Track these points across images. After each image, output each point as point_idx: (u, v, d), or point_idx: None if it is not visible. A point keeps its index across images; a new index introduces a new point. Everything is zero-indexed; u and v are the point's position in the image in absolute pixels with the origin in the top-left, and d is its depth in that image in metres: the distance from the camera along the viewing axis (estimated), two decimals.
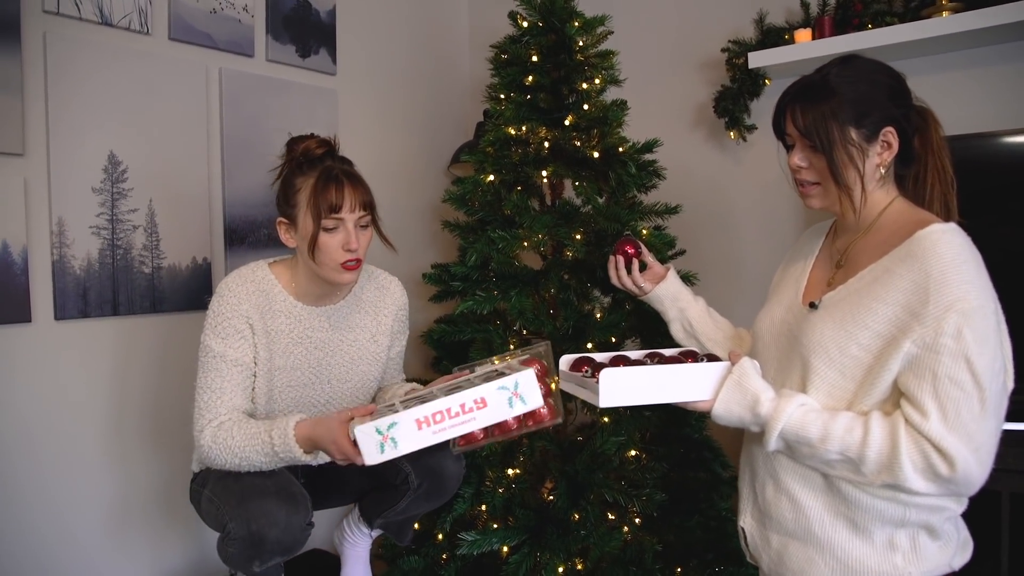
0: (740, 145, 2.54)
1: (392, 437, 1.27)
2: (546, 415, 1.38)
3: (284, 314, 1.61)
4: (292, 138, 1.63)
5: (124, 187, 1.96)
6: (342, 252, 1.53)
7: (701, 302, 1.68)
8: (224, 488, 1.51)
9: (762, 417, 1.26)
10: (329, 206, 1.50)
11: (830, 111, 1.27)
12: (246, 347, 1.55)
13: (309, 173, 1.54)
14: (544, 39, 2.13)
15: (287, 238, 1.59)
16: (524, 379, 1.27)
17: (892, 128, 1.28)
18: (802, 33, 2.29)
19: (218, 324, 1.55)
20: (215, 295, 1.58)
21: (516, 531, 1.89)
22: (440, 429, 1.27)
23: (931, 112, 1.35)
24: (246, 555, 1.47)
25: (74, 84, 1.86)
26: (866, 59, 1.33)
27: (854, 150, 1.28)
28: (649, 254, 1.71)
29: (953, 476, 1.13)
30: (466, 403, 1.27)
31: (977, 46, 2.13)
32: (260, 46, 2.29)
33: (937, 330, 1.13)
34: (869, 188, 1.31)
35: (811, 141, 1.30)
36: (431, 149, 2.90)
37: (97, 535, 1.95)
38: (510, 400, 1.27)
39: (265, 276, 1.61)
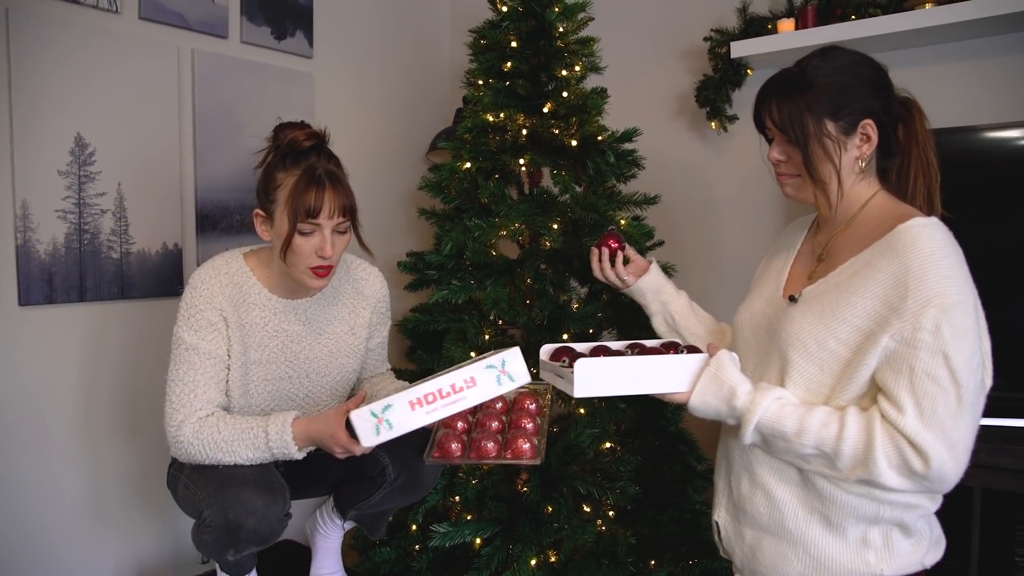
0: (721, 135, 2.52)
1: (387, 419, 1.30)
2: (527, 451, 1.40)
3: (258, 307, 1.57)
4: (280, 124, 1.56)
5: (92, 170, 1.91)
6: (314, 257, 1.48)
7: (683, 296, 1.67)
8: (201, 475, 1.48)
9: (738, 410, 1.25)
10: (307, 210, 1.44)
11: (806, 104, 1.26)
12: (219, 340, 1.52)
13: (292, 169, 1.48)
14: (524, 24, 2.09)
15: (262, 231, 1.54)
16: (511, 357, 1.31)
17: (871, 121, 1.26)
18: (785, 23, 2.27)
19: (191, 316, 1.51)
20: (188, 287, 1.54)
21: (489, 523, 1.88)
22: (432, 409, 1.30)
23: (916, 103, 1.33)
24: (221, 543, 1.45)
25: (39, 64, 1.81)
26: (847, 51, 1.31)
27: (830, 143, 1.27)
28: (631, 248, 1.70)
29: (927, 473, 1.12)
30: (456, 383, 1.30)
31: (959, 39, 2.12)
32: (235, 27, 2.24)
33: (915, 325, 1.12)
34: (849, 182, 1.30)
35: (787, 135, 1.29)
36: (409, 135, 2.86)
37: (66, 525, 1.92)
38: (498, 378, 1.31)
39: (239, 268, 1.57)
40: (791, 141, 1.29)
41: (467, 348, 1.97)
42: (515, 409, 1.50)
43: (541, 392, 1.52)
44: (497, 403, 1.51)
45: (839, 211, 1.33)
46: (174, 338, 1.52)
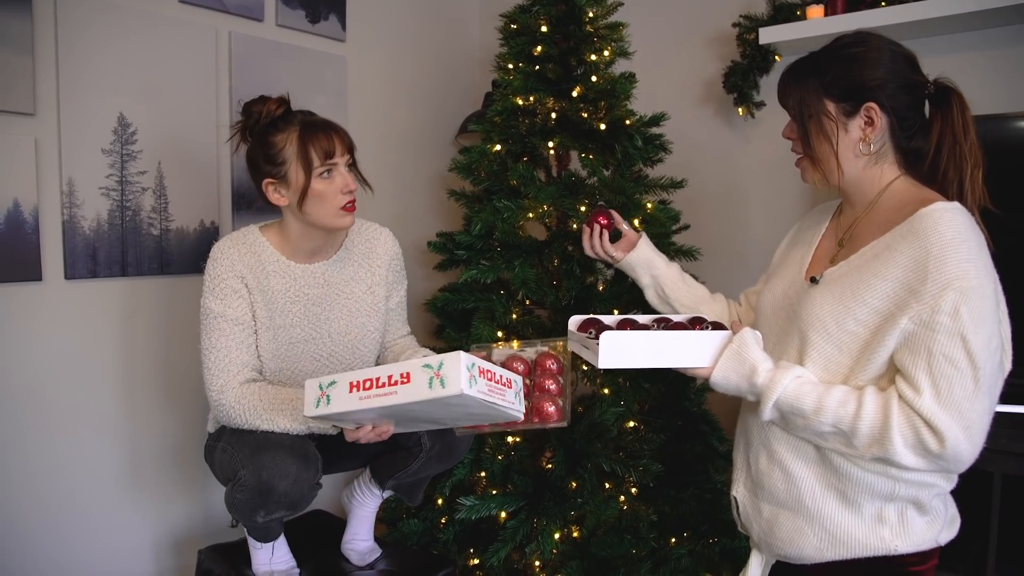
0: (748, 122, 2.53)
1: (328, 395, 1.28)
2: (553, 414, 1.40)
3: (278, 274, 1.65)
4: (247, 102, 1.65)
5: (133, 149, 1.98)
6: (340, 196, 1.58)
7: (675, 268, 1.70)
8: (239, 438, 1.56)
9: (758, 387, 1.28)
10: (324, 152, 1.54)
11: (811, 83, 1.31)
12: (244, 305, 1.60)
13: (287, 128, 1.57)
14: (554, 9, 2.12)
15: (277, 197, 1.60)
16: (449, 361, 1.18)
17: (875, 104, 1.28)
18: (814, 9, 2.27)
19: (215, 286, 1.59)
20: (209, 259, 1.62)
21: (514, 497, 1.93)
22: (366, 396, 1.25)
23: (956, 92, 1.32)
24: (252, 503, 1.51)
25: (84, 45, 1.87)
26: (873, 35, 1.33)
27: (829, 123, 1.30)
28: (623, 222, 1.73)
29: (942, 452, 1.14)
30: (393, 375, 1.23)
31: (991, 26, 2.11)
32: (270, 10, 2.29)
33: (934, 307, 1.13)
34: (858, 164, 1.32)
35: (792, 112, 1.35)
36: (439, 118, 2.90)
37: (106, 491, 2.00)
38: (431, 380, 1.19)
39: (256, 239, 1.65)
40: (795, 118, 1.35)
41: (495, 327, 2.01)
42: (537, 371, 1.51)
43: (560, 350, 1.52)
44: (519, 365, 1.51)
45: (858, 195, 1.35)
46: (202, 309, 1.60)
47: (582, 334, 1.46)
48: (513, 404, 1.29)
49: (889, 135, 1.31)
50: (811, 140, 1.33)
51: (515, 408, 1.29)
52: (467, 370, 1.18)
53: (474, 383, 1.19)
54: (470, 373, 1.18)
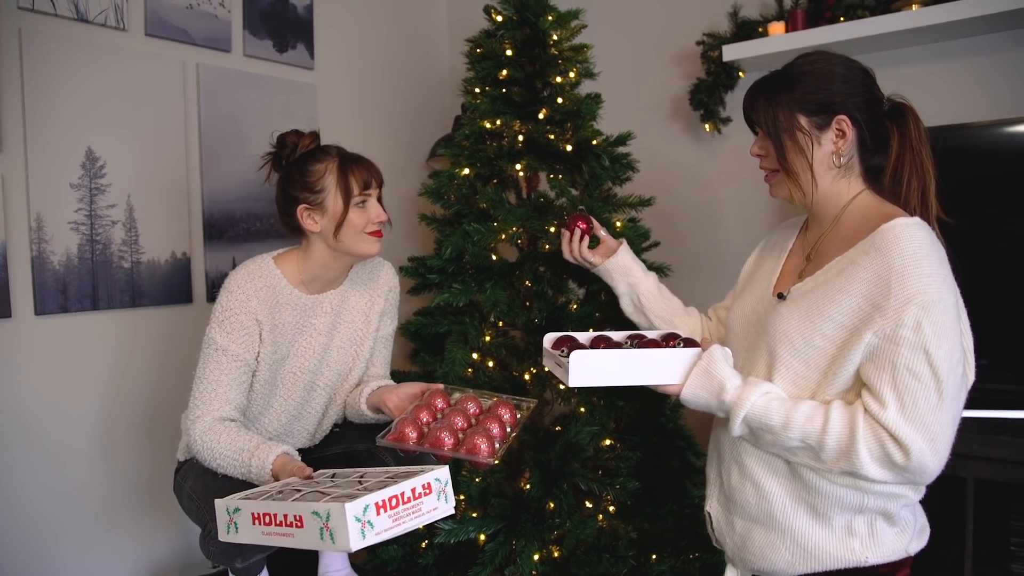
0: (716, 137, 2.56)
1: (236, 522, 1.26)
2: (483, 450, 1.38)
3: (290, 307, 1.67)
4: (282, 134, 1.71)
5: (102, 183, 1.98)
6: (370, 224, 1.65)
7: (652, 278, 1.72)
8: (204, 487, 1.55)
9: (727, 403, 1.29)
10: (363, 182, 1.63)
11: (782, 99, 1.33)
12: (250, 344, 1.60)
13: (325, 159, 1.63)
14: (518, 33, 2.14)
15: (310, 224, 1.64)
16: (335, 514, 1.10)
17: (846, 117, 1.31)
18: (775, 26, 2.31)
19: (225, 319, 1.59)
20: (223, 290, 1.62)
21: (492, 520, 1.92)
22: (268, 532, 1.20)
23: (910, 108, 1.36)
24: (228, 553, 1.51)
25: (50, 80, 1.87)
26: (832, 53, 1.37)
27: (803, 136, 1.32)
28: (601, 228, 1.74)
29: (908, 465, 1.16)
30: (288, 515, 1.17)
31: (946, 39, 2.15)
32: (237, 41, 2.30)
33: (897, 322, 1.16)
34: (828, 177, 1.34)
35: (764, 128, 1.36)
36: (410, 142, 2.92)
37: (83, 529, 1.98)
38: (321, 531, 1.12)
39: (271, 271, 1.66)
40: (768, 134, 1.36)
41: (468, 350, 2.02)
42: (487, 413, 1.52)
43: (521, 408, 1.53)
44: (471, 407, 1.53)
45: (824, 210, 1.38)
46: (206, 338, 1.60)
47: (555, 352, 1.47)
48: (436, 509, 1.23)
49: (857, 148, 1.34)
50: (787, 155, 1.34)
51: (441, 511, 1.24)
52: (356, 521, 1.09)
53: (369, 530, 1.11)
54: (362, 522, 1.10)
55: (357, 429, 1.76)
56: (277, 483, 1.39)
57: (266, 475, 1.45)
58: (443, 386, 1.63)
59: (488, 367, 2.07)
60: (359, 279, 1.80)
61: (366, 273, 1.82)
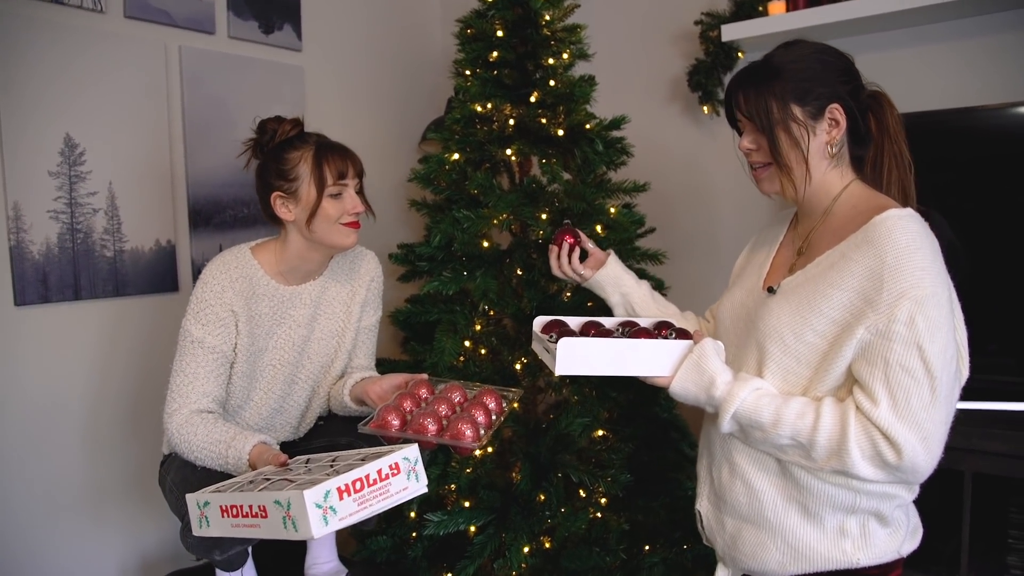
0: (714, 119, 2.50)
1: (207, 516, 1.25)
2: (468, 436, 1.35)
3: (267, 297, 1.64)
4: (263, 120, 1.67)
5: (82, 170, 1.93)
6: (345, 215, 1.60)
7: (645, 286, 1.67)
8: (183, 480, 1.53)
9: (716, 399, 1.26)
10: (338, 172, 1.58)
11: (772, 91, 1.28)
12: (226, 336, 1.58)
13: (302, 147, 1.59)
14: (510, 13, 2.08)
15: (284, 212, 1.61)
16: (295, 501, 1.08)
17: (838, 105, 1.27)
18: (776, 5, 2.24)
19: (200, 311, 1.57)
20: (199, 282, 1.60)
21: (482, 512, 1.90)
22: (237, 524, 1.19)
23: (885, 95, 1.33)
24: (205, 545, 1.49)
25: (26, 66, 1.82)
26: (811, 41, 1.33)
27: (797, 128, 1.28)
28: (589, 241, 1.69)
29: (900, 464, 1.13)
30: (254, 506, 1.15)
31: (949, 18, 2.09)
32: (221, 22, 2.24)
33: (890, 317, 1.12)
34: (821, 168, 1.30)
35: (755, 122, 1.30)
36: (402, 125, 2.86)
37: (69, 520, 1.96)
38: (284, 520, 1.10)
39: (248, 262, 1.63)
40: (759, 128, 1.30)
41: (459, 339, 1.98)
42: (472, 401, 1.49)
43: (507, 396, 1.49)
44: (455, 395, 1.50)
45: (814, 203, 1.34)
46: (182, 330, 1.58)
47: (544, 336, 1.43)
48: (407, 489, 1.20)
49: (848, 137, 1.30)
50: (780, 147, 1.29)
51: (412, 491, 1.21)
52: (317, 508, 1.07)
53: (332, 516, 1.08)
54: (323, 508, 1.07)
55: (342, 421, 1.74)
56: (250, 473, 1.37)
57: (243, 465, 1.43)
58: (427, 376, 1.59)
59: (479, 356, 2.04)
60: (340, 269, 1.76)
61: (347, 263, 1.78)
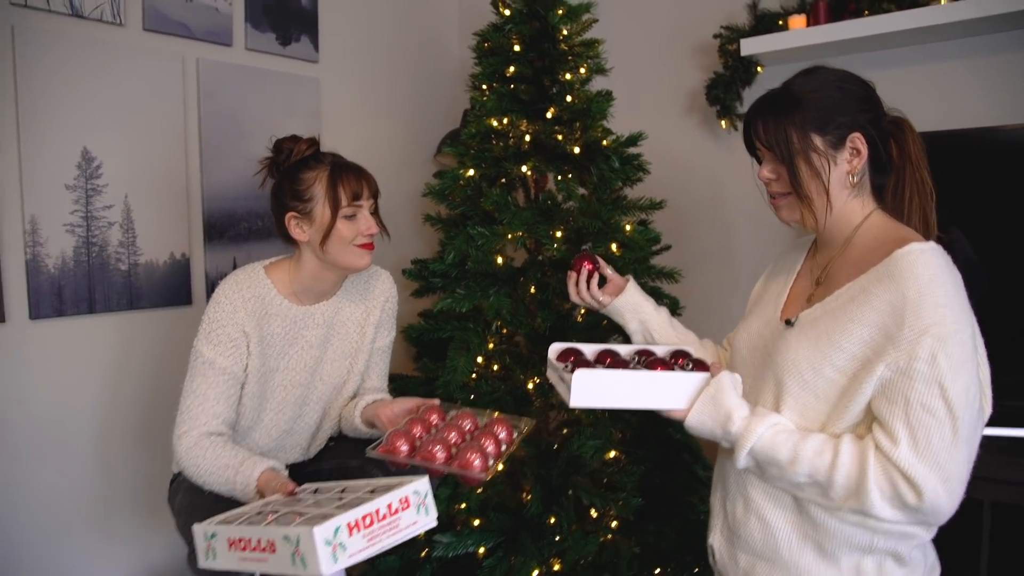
0: (732, 133, 2.47)
1: (214, 547, 1.23)
2: (477, 466, 1.33)
3: (279, 318, 1.62)
4: (279, 139, 1.65)
5: (99, 183, 1.94)
6: (360, 237, 1.59)
7: (664, 313, 1.64)
8: (191, 504, 1.52)
9: (732, 435, 1.24)
10: (352, 193, 1.57)
11: (793, 120, 1.25)
12: (238, 357, 1.56)
13: (317, 167, 1.58)
14: (527, 28, 2.07)
15: (298, 232, 1.60)
16: (304, 538, 1.06)
17: (860, 134, 1.24)
18: (796, 19, 2.21)
19: (212, 331, 1.55)
20: (211, 302, 1.58)
21: (491, 534, 1.88)
22: (244, 558, 1.17)
23: (907, 122, 1.29)
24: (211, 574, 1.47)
25: (45, 79, 1.83)
26: (831, 68, 1.30)
27: (818, 158, 1.25)
28: (608, 267, 1.67)
29: (920, 506, 1.10)
30: (263, 540, 1.14)
31: (973, 35, 2.05)
32: (239, 35, 2.24)
33: (911, 354, 1.10)
34: (842, 198, 1.28)
35: (775, 152, 1.28)
36: (418, 136, 2.85)
37: (80, 532, 1.97)
38: (292, 556, 1.09)
39: (261, 281, 1.62)
40: (779, 158, 1.28)
41: (471, 357, 1.97)
42: (483, 430, 1.47)
43: (519, 426, 1.48)
44: (466, 422, 1.48)
45: (834, 232, 1.31)
46: (193, 350, 1.56)
47: (560, 364, 1.41)
48: (416, 523, 1.18)
49: (868, 166, 1.27)
50: (800, 178, 1.26)
51: (421, 525, 1.19)
52: (326, 545, 1.05)
53: (341, 553, 1.07)
54: (333, 545, 1.06)
55: (352, 443, 1.72)
56: (258, 503, 1.35)
57: (251, 492, 1.42)
58: (439, 402, 1.58)
59: (491, 374, 2.02)
60: (354, 289, 1.75)
61: (361, 283, 1.76)
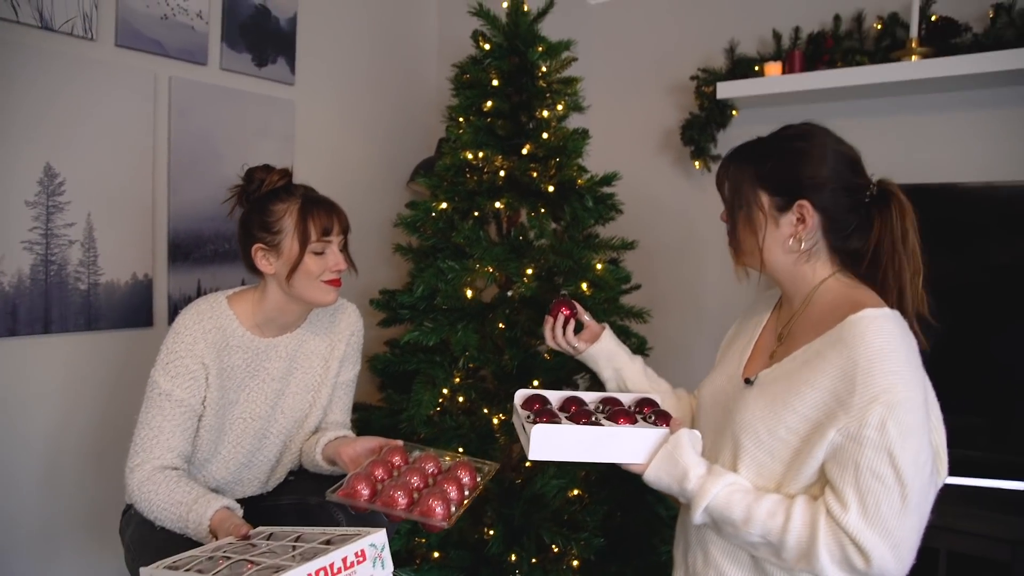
0: (705, 174, 2.49)
1: None
2: (439, 513, 1.31)
3: (241, 350, 1.59)
4: (250, 168, 1.62)
5: (60, 200, 1.89)
6: (327, 272, 1.56)
7: (639, 362, 1.64)
8: (140, 539, 1.48)
9: (688, 492, 1.25)
10: (323, 229, 1.54)
11: (749, 173, 1.28)
12: (195, 389, 1.52)
13: (288, 200, 1.55)
14: (506, 63, 2.06)
15: (264, 264, 1.56)
16: None
17: (808, 202, 1.25)
18: (772, 66, 2.24)
19: (170, 362, 1.51)
20: (171, 331, 1.54)
21: (451, 570, 1.86)
22: None
23: (896, 195, 1.26)
24: None
25: (8, 91, 1.78)
26: (821, 132, 1.30)
27: (760, 216, 1.28)
28: (585, 313, 1.67)
29: (869, 571, 1.11)
30: None
31: (947, 90, 2.10)
32: (214, 54, 2.21)
33: (861, 421, 1.11)
34: (788, 260, 1.29)
35: (725, 198, 1.33)
36: (392, 163, 2.83)
37: (24, 559, 1.91)
38: None
39: (223, 312, 1.58)
40: (727, 205, 1.33)
41: (436, 391, 1.95)
42: (446, 474, 1.45)
43: (483, 471, 1.47)
44: (429, 466, 1.46)
45: (792, 290, 1.33)
46: (150, 381, 1.52)
47: (525, 412, 1.42)
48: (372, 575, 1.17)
49: (822, 234, 1.28)
50: (738, 230, 1.31)
51: None
52: None
53: None
54: None
55: (313, 479, 1.69)
56: (210, 546, 1.31)
57: (203, 531, 1.38)
58: (402, 443, 1.55)
59: (456, 407, 2.00)
60: (319, 322, 1.71)
61: (327, 316, 1.73)
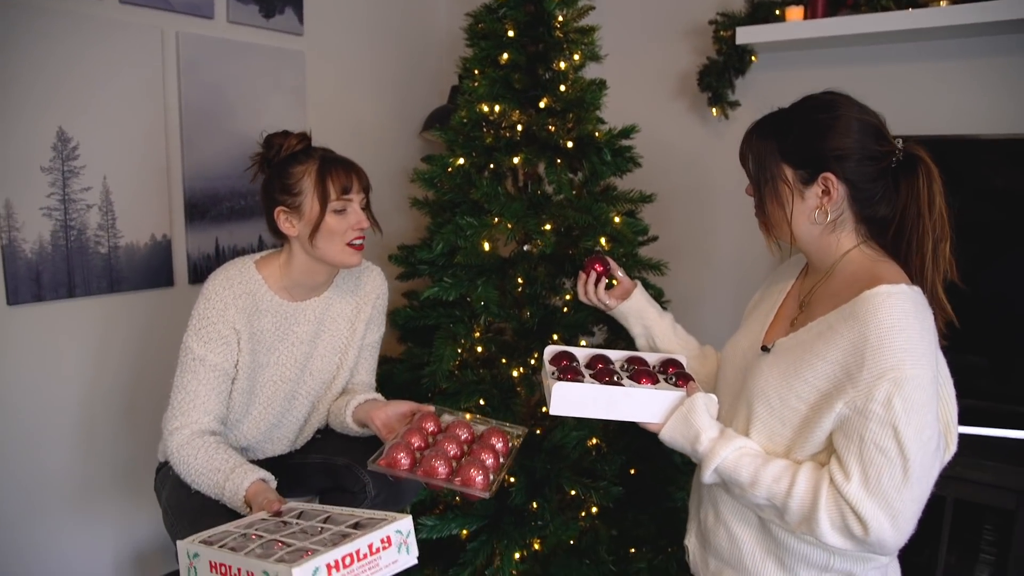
0: (723, 121, 2.46)
1: (195, 567, 1.22)
2: (479, 483, 1.35)
3: (270, 313, 1.62)
4: (269, 135, 1.64)
5: (76, 165, 1.88)
6: (350, 232, 1.58)
7: (668, 319, 1.67)
8: (179, 502, 1.54)
9: (700, 453, 1.30)
10: (342, 187, 1.55)
11: (774, 146, 1.28)
12: (228, 353, 1.56)
13: (306, 161, 1.57)
14: (521, 12, 2.01)
15: (288, 227, 1.58)
16: None
17: (832, 175, 1.24)
18: (794, 11, 2.19)
19: (202, 328, 1.54)
20: (201, 296, 1.57)
21: (474, 518, 1.93)
22: None
23: (923, 160, 1.25)
24: None
25: (17, 56, 1.75)
26: (845, 102, 1.27)
27: (785, 189, 1.28)
28: (619, 269, 1.69)
29: (867, 539, 1.15)
30: (243, 570, 1.14)
31: (971, 36, 2.05)
32: (220, 7, 2.15)
33: (868, 396, 1.13)
34: (814, 232, 1.30)
35: (750, 173, 1.33)
36: (404, 110, 2.79)
37: (63, 515, 1.98)
38: None
39: (252, 277, 1.61)
40: (752, 180, 1.33)
41: (456, 347, 1.98)
42: (479, 442, 1.49)
43: (512, 434, 1.51)
44: (463, 433, 1.50)
45: (817, 260, 1.34)
46: (183, 346, 1.56)
47: (552, 368, 1.47)
48: (396, 562, 1.19)
49: (848, 204, 1.27)
50: (766, 205, 1.31)
51: (401, 564, 1.20)
52: None
53: None
54: None
55: (339, 439, 1.74)
56: (242, 521, 1.35)
57: (239, 501, 1.43)
58: (434, 408, 1.59)
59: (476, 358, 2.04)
60: (345, 285, 1.74)
61: (352, 278, 1.76)
